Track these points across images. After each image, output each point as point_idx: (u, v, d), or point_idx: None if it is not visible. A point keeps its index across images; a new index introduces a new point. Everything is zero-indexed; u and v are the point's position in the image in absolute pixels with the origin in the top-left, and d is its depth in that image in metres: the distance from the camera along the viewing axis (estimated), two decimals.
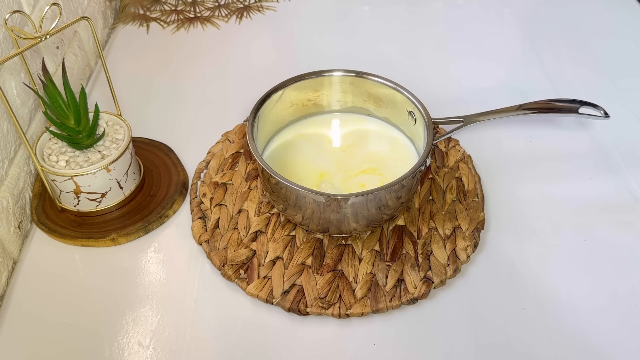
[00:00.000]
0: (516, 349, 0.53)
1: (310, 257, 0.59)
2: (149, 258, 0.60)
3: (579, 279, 0.58)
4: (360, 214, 0.56)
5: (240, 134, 0.72)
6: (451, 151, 0.69)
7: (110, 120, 0.64)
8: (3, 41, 0.60)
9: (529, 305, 0.56)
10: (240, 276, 0.57)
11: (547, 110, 0.66)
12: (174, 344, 0.53)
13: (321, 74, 0.66)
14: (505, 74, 0.84)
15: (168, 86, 0.81)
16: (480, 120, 0.63)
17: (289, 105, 0.66)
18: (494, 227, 0.62)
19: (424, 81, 0.78)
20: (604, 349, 0.52)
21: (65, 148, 0.61)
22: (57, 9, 0.59)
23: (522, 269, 0.59)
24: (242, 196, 0.65)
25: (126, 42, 0.90)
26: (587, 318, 0.55)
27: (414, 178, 0.56)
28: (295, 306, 0.55)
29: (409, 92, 0.63)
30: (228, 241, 0.60)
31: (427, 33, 0.92)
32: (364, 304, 0.55)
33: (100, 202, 0.62)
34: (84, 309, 0.56)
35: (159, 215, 0.63)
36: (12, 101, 0.62)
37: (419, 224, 0.61)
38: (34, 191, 0.65)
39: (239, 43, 0.90)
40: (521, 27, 0.93)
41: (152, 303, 0.56)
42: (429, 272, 0.57)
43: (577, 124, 0.74)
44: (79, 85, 0.78)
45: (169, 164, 0.69)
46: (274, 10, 0.97)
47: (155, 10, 0.96)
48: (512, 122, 0.74)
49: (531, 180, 0.68)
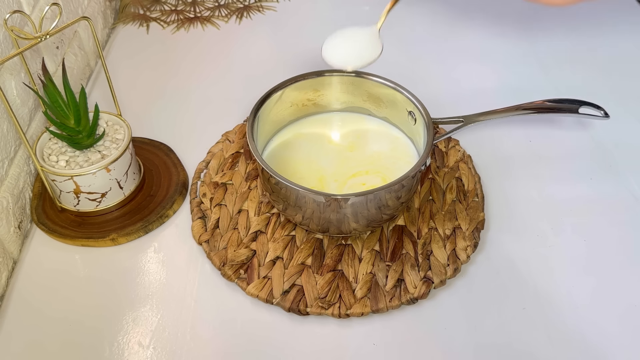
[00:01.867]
0: (516, 349, 0.53)
1: (310, 257, 0.59)
2: (149, 258, 0.60)
3: (579, 279, 0.58)
4: (360, 213, 0.56)
5: (240, 133, 0.72)
6: (451, 151, 0.69)
7: (110, 120, 0.64)
8: (3, 41, 0.60)
9: (528, 305, 0.56)
10: (240, 276, 0.57)
11: (547, 110, 0.66)
12: (174, 344, 0.53)
13: (321, 74, 0.66)
14: (505, 73, 0.83)
15: (168, 86, 0.81)
16: (480, 120, 0.63)
17: (289, 105, 0.66)
18: (494, 227, 0.62)
19: (424, 81, 0.78)
20: (603, 349, 0.52)
21: (65, 148, 0.61)
22: (57, 9, 0.59)
23: (522, 269, 0.59)
24: (242, 196, 0.65)
25: (126, 42, 0.90)
26: (587, 318, 0.55)
27: (414, 178, 0.56)
28: (295, 306, 0.55)
29: (409, 92, 0.63)
30: (228, 241, 0.60)
31: (427, 33, 0.92)
32: (364, 304, 0.55)
33: (100, 202, 0.62)
34: (83, 309, 0.56)
35: (159, 215, 0.63)
36: (12, 101, 0.62)
37: (419, 224, 0.61)
38: (34, 191, 0.65)
39: (239, 43, 0.90)
40: (521, 27, 0.93)
41: (152, 303, 0.56)
42: (429, 272, 0.57)
43: (577, 124, 0.74)
44: (79, 85, 0.78)
45: (169, 163, 0.69)
46: (274, 10, 0.97)
47: (155, 10, 0.96)
48: (512, 122, 0.74)
49: (531, 180, 0.67)
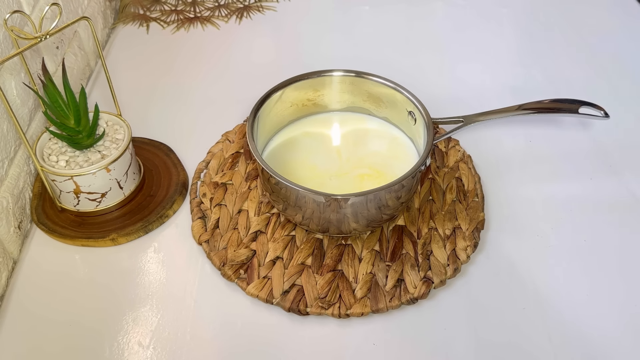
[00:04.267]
0: (516, 349, 0.53)
1: (310, 257, 0.59)
2: (149, 258, 0.60)
3: (579, 279, 0.58)
4: (360, 213, 0.56)
5: (240, 133, 0.72)
6: (451, 151, 0.69)
7: (110, 120, 0.64)
8: (3, 41, 0.60)
9: (528, 305, 0.56)
10: (240, 276, 0.57)
11: (547, 110, 0.66)
12: (174, 344, 0.53)
13: (321, 73, 0.66)
14: (505, 73, 0.83)
15: (168, 86, 0.81)
16: (480, 120, 0.63)
17: (288, 105, 0.66)
18: (493, 227, 0.62)
19: (424, 81, 0.78)
20: (603, 349, 0.52)
21: (65, 148, 0.61)
22: (57, 9, 0.59)
23: (522, 269, 0.59)
24: (242, 196, 0.65)
25: (126, 42, 0.90)
26: (587, 318, 0.55)
27: (414, 178, 0.56)
28: (295, 306, 0.55)
29: (409, 92, 0.63)
30: (228, 241, 0.60)
31: (427, 33, 0.92)
32: (364, 304, 0.55)
33: (100, 202, 0.62)
34: (84, 309, 0.56)
35: (159, 215, 0.63)
36: (12, 101, 0.62)
37: (418, 224, 0.61)
38: (33, 191, 0.65)
39: (239, 43, 0.90)
40: (521, 27, 0.93)
41: (152, 303, 0.56)
42: (428, 272, 0.57)
43: (577, 124, 0.74)
44: (79, 85, 0.78)
45: (169, 164, 0.69)
46: (274, 10, 0.97)
47: (155, 10, 0.96)
48: (512, 122, 0.74)
49: (531, 180, 0.68)
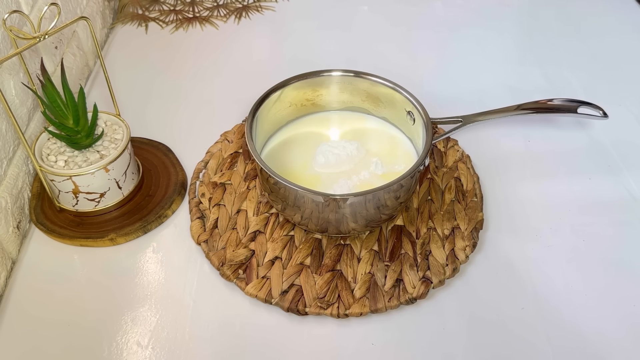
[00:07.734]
0: (515, 349, 0.53)
1: (309, 257, 0.59)
2: (148, 258, 0.60)
3: (578, 279, 0.58)
4: (359, 213, 0.56)
5: (239, 133, 0.72)
6: (450, 151, 0.69)
7: (109, 120, 0.64)
8: (2, 41, 0.60)
9: (527, 305, 0.56)
10: (239, 276, 0.57)
11: (546, 110, 0.66)
12: (173, 344, 0.53)
13: (320, 73, 0.65)
14: (504, 73, 0.84)
15: (167, 86, 0.81)
16: (479, 120, 0.63)
17: (287, 105, 0.66)
18: (492, 227, 0.62)
19: (423, 81, 0.78)
20: (602, 349, 0.53)
21: (64, 148, 0.61)
22: (55, 9, 0.59)
23: (520, 268, 0.59)
24: (241, 196, 0.65)
25: (125, 42, 0.90)
26: (586, 317, 0.55)
27: (412, 178, 0.56)
28: (294, 306, 0.55)
29: (408, 92, 0.63)
30: (227, 241, 0.60)
31: (426, 33, 0.92)
32: (363, 304, 0.55)
33: (99, 202, 0.62)
34: (82, 309, 0.56)
35: (157, 215, 0.63)
36: (10, 101, 0.62)
37: (417, 224, 0.61)
38: (32, 191, 0.65)
39: (238, 43, 0.90)
40: (520, 27, 0.93)
41: (151, 303, 0.56)
42: (427, 272, 0.57)
43: (575, 123, 0.74)
44: (78, 85, 0.78)
45: (168, 164, 0.69)
46: (273, 10, 0.97)
47: (154, 10, 0.96)
48: (511, 122, 0.74)
49: (530, 180, 0.68)
